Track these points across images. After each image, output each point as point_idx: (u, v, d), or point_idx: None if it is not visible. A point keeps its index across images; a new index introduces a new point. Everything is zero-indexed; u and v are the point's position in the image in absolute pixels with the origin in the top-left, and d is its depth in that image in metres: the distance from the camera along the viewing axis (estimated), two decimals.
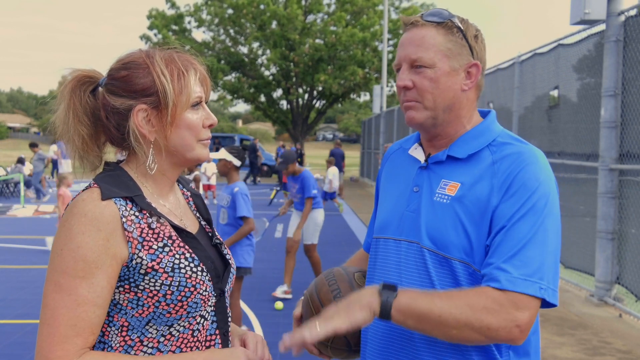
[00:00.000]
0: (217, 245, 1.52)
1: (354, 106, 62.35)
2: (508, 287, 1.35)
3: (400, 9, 30.28)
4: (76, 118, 1.40)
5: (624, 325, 5.78)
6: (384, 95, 22.83)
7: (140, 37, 30.36)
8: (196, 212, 1.57)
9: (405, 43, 1.54)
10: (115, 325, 1.34)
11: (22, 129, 79.24)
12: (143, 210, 1.35)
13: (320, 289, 1.66)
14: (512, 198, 1.43)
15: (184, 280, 1.33)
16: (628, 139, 6.22)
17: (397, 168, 1.69)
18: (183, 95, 1.37)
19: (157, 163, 1.40)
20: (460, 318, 1.34)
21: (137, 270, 1.31)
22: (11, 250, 9.64)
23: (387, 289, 1.39)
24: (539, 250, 1.39)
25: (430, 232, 1.49)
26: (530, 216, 1.41)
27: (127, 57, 1.41)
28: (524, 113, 8.98)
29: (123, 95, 1.36)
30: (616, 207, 6.36)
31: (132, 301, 1.32)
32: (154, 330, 1.34)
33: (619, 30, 6.25)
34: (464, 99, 1.55)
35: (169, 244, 1.35)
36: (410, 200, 1.56)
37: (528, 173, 1.44)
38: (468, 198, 1.46)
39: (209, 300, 1.40)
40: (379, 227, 1.64)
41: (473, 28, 1.55)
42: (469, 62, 1.53)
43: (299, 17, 27.50)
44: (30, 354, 4.89)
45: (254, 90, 30.85)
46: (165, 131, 1.37)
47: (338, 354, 1.69)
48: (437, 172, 1.55)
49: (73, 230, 1.27)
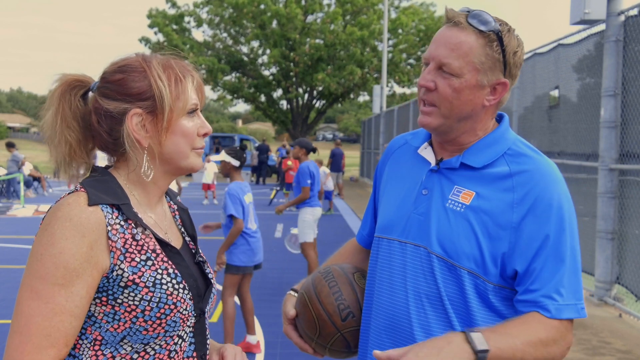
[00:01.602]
0: (199, 263, 1.47)
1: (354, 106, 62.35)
2: (558, 316, 1.42)
3: (400, 9, 30.26)
4: (64, 123, 1.34)
5: (624, 325, 5.77)
6: (384, 95, 22.82)
7: (140, 40, 30.36)
8: (181, 227, 1.51)
9: (440, 41, 1.47)
10: (88, 339, 1.28)
11: (22, 129, 79.20)
12: (129, 219, 1.30)
13: (321, 291, 1.62)
14: (540, 219, 1.43)
15: (164, 296, 1.28)
16: (628, 138, 6.22)
17: (404, 166, 1.65)
18: (180, 101, 1.33)
19: (151, 170, 1.36)
20: (537, 356, 1.39)
21: (117, 282, 1.25)
22: (11, 250, 9.64)
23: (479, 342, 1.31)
24: (575, 272, 1.45)
25: (441, 239, 1.47)
26: (565, 239, 1.44)
27: (122, 60, 1.36)
28: (524, 113, 8.98)
29: (117, 98, 1.32)
30: (616, 207, 6.36)
31: (108, 315, 1.26)
32: (129, 347, 1.28)
33: (619, 30, 6.25)
34: (482, 113, 1.51)
35: (152, 258, 1.30)
36: (418, 203, 1.54)
37: (551, 192, 1.44)
38: (483, 209, 1.45)
39: (188, 320, 1.34)
40: (382, 226, 1.62)
41: (515, 42, 1.47)
42: (498, 79, 1.47)
43: (298, 16, 27.49)
44: None
45: (254, 90, 30.86)
46: (159, 137, 1.33)
47: (336, 354, 1.66)
48: (450, 177, 1.52)
49: (56, 235, 1.21)
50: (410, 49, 29.18)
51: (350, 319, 1.61)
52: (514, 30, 1.49)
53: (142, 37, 30.50)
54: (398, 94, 31.38)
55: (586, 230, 7.03)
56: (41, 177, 19.97)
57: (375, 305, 1.58)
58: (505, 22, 1.49)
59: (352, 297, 1.63)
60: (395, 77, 29.08)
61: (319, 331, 1.61)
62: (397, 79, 29.21)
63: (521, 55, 1.50)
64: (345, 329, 1.61)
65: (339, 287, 1.63)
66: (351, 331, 1.62)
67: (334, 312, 1.60)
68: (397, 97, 31.27)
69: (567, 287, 1.43)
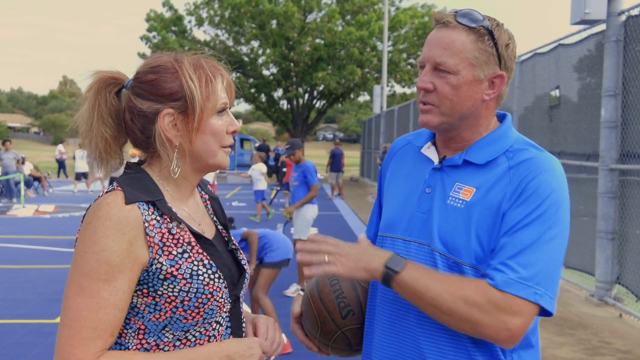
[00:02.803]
0: (232, 251, 1.52)
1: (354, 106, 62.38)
2: (502, 288, 1.36)
3: (400, 9, 30.24)
4: (100, 119, 1.40)
5: (624, 325, 5.77)
6: (384, 95, 22.84)
7: (141, 38, 30.40)
8: (213, 216, 1.57)
9: (432, 43, 1.49)
10: (132, 328, 1.35)
11: (22, 129, 79.14)
12: (164, 214, 1.35)
13: (323, 289, 1.65)
14: (523, 204, 1.42)
15: (201, 287, 1.34)
16: (629, 139, 6.22)
17: (407, 165, 1.66)
18: (210, 101, 1.38)
19: (180, 167, 1.40)
20: (452, 308, 1.37)
21: (157, 275, 1.32)
22: (11, 250, 9.64)
23: (395, 263, 1.41)
24: (541, 256, 1.39)
25: (443, 236, 1.47)
26: (538, 223, 1.40)
27: (154, 60, 1.41)
28: (525, 113, 8.98)
29: (150, 98, 1.36)
30: (616, 207, 6.36)
31: (149, 305, 1.33)
32: (170, 334, 1.35)
33: (619, 30, 6.25)
34: (483, 108, 1.52)
35: (188, 250, 1.36)
36: (421, 201, 1.55)
37: (541, 180, 1.43)
38: (482, 204, 1.45)
39: (224, 307, 1.41)
40: (386, 225, 1.63)
41: (506, 36, 1.49)
42: (494, 72, 1.48)
43: (295, 14, 27.47)
44: (30, 353, 4.89)
45: (255, 90, 30.86)
46: (190, 136, 1.37)
47: (338, 352, 1.68)
48: (452, 175, 1.53)
49: (98, 233, 1.27)
50: (410, 48, 29.18)
51: (350, 317, 1.63)
52: (502, 24, 1.51)
53: (143, 36, 30.51)
54: (398, 94, 31.37)
55: (586, 230, 7.03)
56: (41, 177, 19.97)
57: (379, 304, 1.59)
58: (494, 18, 1.51)
59: (353, 295, 1.64)
60: (396, 76, 29.06)
61: (320, 328, 1.64)
62: (397, 78, 29.20)
63: (513, 47, 1.52)
64: (345, 327, 1.63)
65: (340, 286, 1.65)
66: (352, 329, 1.64)
67: (334, 310, 1.62)
68: (397, 97, 31.28)
69: (528, 268, 1.37)
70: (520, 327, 1.36)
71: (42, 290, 7.00)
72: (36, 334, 5.41)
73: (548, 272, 1.39)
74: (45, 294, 6.81)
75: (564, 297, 6.77)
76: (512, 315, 1.36)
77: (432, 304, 1.39)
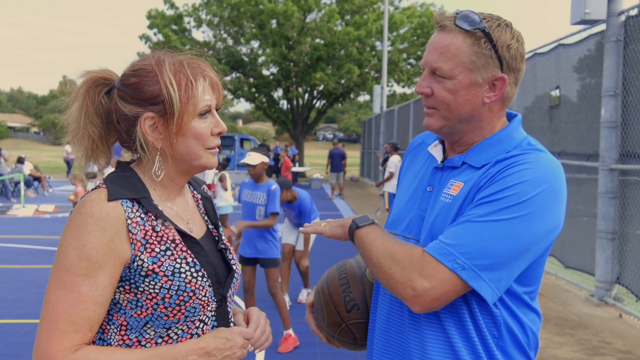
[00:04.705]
0: (222, 250, 1.52)
1: (354, 106, 62.36)
2: (426, 249, 1.39)
3: (400, 9, 30.21)
4: (88, 119, 1.41)
5: (624, 325, 5.77)
6: (384, 95, 22.82)
7: (140, 37, 30.34)
8: (205, 216, 1.57)
9: (430, 47, 1.50)
10: (115, 324, 1.36)
11: (22, 128, 79.18)
12: (149, 212, 1.37)
13: (331, 282, 1.71)
14: (486, 189, 1.41)
15: (183, 284, 1.35)
16: (629, 139, 6.22)
17: (417, 164, 1.69)
18: (190, 105, 1.38)
19: (164, 170, 1.42)
20: (381, 262, 1.43)
21: (138, 272, 1.33)
22: (11, 250, 9.64)
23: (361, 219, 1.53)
24: (475, 230, 1.36)
25: (433, 232, 1.48)
26: (489, 205, 1.38)
27: (138, 62, 1.42)
28: (525, 113, 8.97)
29: (132, 102, 1.38)
30: (616, 207, 6.36)
31: (131, 301, 1.34)
32: (152, 331, 1.36)
33: (619, 30, 6.25)
34: (485, 111, 1.50)
35: (172, 248, 1.37)
36: (422, 200, 1.57)
37: (514, 172, 1.40)
38: (468, 197, 1.46)
39: (208, 306, 1.41)
40: (390, 222, 1.66)
41: (507, 36, 1.45)
42: (494, 75, 1.46)
43: (295, 14, 27.44)
44: (30, 353, 4.88)
45: (255, 90, 30.83)
46: (171, 139, 1.38)
47: (345, 345, 1.73)
48: (450, 174, 1.54)
49: (79, 229, 1.29)
50: (409, 48, 29.14)
51: (354, 311, 1.67)
52: (506, 24, 1.47)
53: (143, 35, 30.47)
54: (398, 94, 31.33)
55: (586, 230, 7.03)
56: (41, 177, 19.96)
57: (380, 301, 1.62)
58: (497, 17, 1.49)
59: (358, 290, 1.69)
60: (395, 76, 29.02)
61: (327, 320, 1.69)
62: (396, 77, 29.15)
63: (518, 47, 1.48)
64: (349, 320, 1.67)
65: (347, 280, 1.70)
66: (356, 324, 1.68)
67: (339, 303, 1.67)
68: (397, 97, 31.24)
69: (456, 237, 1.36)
70: (427, 290, 1.35)
71: (42, 290, 6.97)
72: (36, 334, 5.40)
73: (484, 251, 1.34)
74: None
75: (564, 297, 6.78)
76: (422, 276, 1.36)
77: (369, 258, 1.46)
